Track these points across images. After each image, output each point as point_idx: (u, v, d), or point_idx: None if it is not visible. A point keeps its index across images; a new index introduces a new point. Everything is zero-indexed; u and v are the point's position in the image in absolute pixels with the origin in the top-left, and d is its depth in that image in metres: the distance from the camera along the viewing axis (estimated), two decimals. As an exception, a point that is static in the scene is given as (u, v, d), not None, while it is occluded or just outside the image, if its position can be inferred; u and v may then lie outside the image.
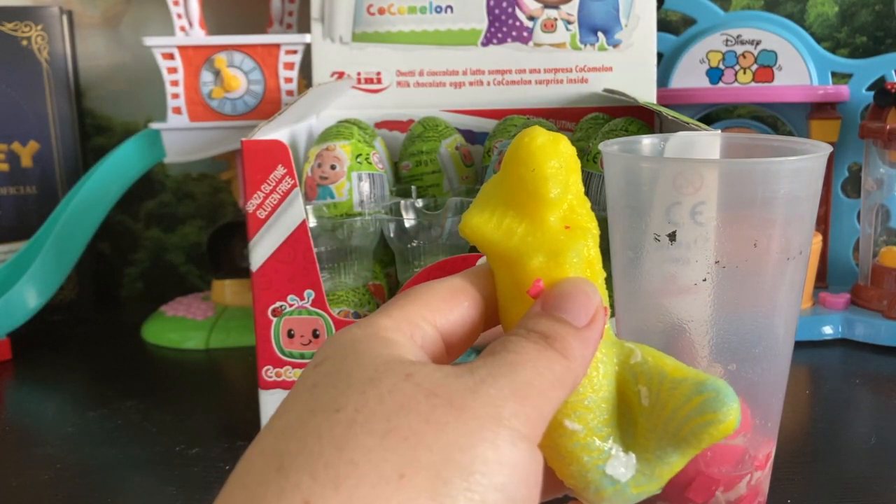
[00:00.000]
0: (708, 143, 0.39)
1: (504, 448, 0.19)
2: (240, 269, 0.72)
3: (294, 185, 0.46)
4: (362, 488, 0.17)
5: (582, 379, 0.22)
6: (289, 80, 0.66)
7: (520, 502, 0.19)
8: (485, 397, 0.19)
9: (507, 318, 0.24)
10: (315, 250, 0.47)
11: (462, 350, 0.24)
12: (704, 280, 0.34)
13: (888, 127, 0.64)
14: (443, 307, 0.23)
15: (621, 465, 0.23)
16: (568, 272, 0.23)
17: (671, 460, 0.23)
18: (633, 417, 0.23)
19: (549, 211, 0.24)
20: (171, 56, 0.65)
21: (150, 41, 0.65)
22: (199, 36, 0.68)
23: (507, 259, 0.24)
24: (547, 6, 0.64)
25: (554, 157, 0.24)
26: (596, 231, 0.24)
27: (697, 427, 0.22)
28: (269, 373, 0.48)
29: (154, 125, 0.66)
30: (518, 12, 0.64)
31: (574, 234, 0.23)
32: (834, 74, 0.72)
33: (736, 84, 0.72)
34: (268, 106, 0.66)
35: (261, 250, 0.47)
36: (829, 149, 0.35)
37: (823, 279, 0.72)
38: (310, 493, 0.17)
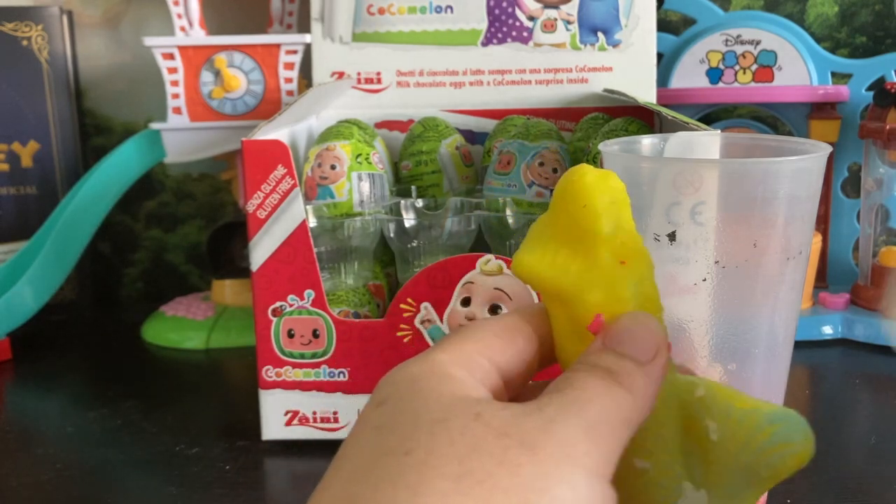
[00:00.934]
0: (708, 143, 0.39)
1: (581, 488, 0.18)
2: (240, 269, 0.72)
3: (294, 185, 0.46)
4: None
5: (647, 415, 0.22)
6: (289, 80, 0.66)
7: None
8: (556, 437, 0.19)
9: (564, 356, 0.24)
10: (315, 250, 0.47)
11: (519, 388, 0.24)
12: (704, 280, 0.34)
13: (888, 127, 0.64)
14: (498, 344, 0.23)
15: None
16: (628, 307, 0.23)
17: (744, 495, 0.23)
18: (702, 454, 0.23)
19: (604, 246, 0.23)
20: (171, 56, 0.65)
21: (150, 41, 0.65)
22: (199, 36, 0.68)
23: (564, 296, 0.23)
24: (547, 6, 0.64)
25: (605, 192, 0.23)
26: (651, 266, 0.24)
27: (773, 458, 0.22)
28: (269, 373, 0.48)
29: (154, 125, 0.66)
30: (518, 12, 0.64)
31: (631, 268, 0.23)
32: (834, 74, 0.72)
33: (736, 84, 0.72)
34: (268, 106, 0.66)
35: (261, 250, 0.47)
36: (829, 149, 0.35)
37: (823, 279, 0.72)
38: None
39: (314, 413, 0.49)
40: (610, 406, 0.20)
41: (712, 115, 0.76)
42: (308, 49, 0.65)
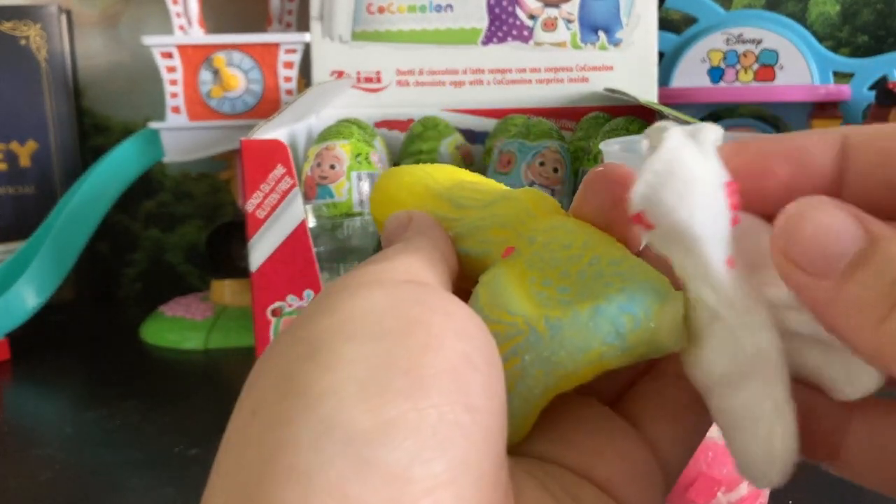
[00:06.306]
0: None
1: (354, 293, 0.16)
2: (239, 269, 0.72)
3: (293, 185, 0.46)
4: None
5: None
6: (288, 80, 0.66)
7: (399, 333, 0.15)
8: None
9: None
10: (314, 250, 0.47)
11: None
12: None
13: (890, 126, 0.63)
14: None
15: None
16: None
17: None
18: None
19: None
20: (169, 55, 0.65)
21: (148, 40, 0.65)
22: (197, 35, 0.67)
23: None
24: (547, 5, 0.64)
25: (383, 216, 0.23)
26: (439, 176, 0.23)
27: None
28: (268, 373, 0.48)
29: (153, 124, 0.66)
30: (518, 11, 0.64)
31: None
32: (835, 74, 0.72)
33: (737, 83, 0.72)
34: (267, 105, 0.66)
35: (260, 250, 0.47)
36: (832, 148, 0.34)
37: (825, 279, 0.72)
38: None
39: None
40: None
41: (714, 115, 0.76)
42: (307, 48, 0.65)
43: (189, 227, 0.82)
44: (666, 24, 0.76)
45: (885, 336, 0.15)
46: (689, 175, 0.16)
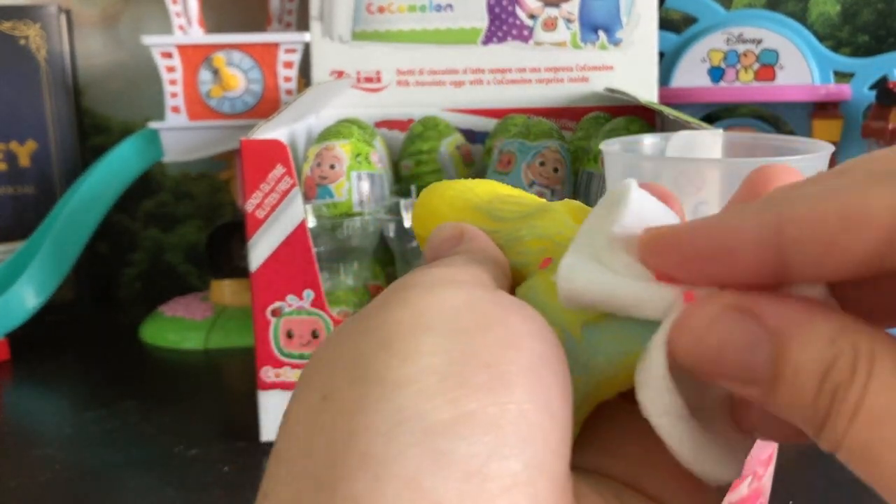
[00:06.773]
0: (710, 142, 0.39)
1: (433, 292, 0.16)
2: (239, 269, 0.72)
3: (293, 185, 0.46)
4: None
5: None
6: (288, 79, 0.66)
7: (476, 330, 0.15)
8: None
9: None
10: (314, 250, 0.47)
11: None
12: (707, 281, 0.33)
13: (891, 126, 0.63)
14: None
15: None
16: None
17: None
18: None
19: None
20: (169, 55, 0.65)
21: (148, 40, 0.64)
22: (197, 35, 0.67)
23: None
24: (547, 4, 0.64)
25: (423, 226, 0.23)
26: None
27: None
28: (267, 374, 0.48)
29: (152, 124, 0.66)
30: (518, 11, 0.63)
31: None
32: (836, 73, 0.72)
33: (737, 83, 0.72)
34: (267, 105, 0.66)
35: (260, 250, 0.47)
36: (831, 148, 0.34)
37: (825, 279, 0.72)
38: None
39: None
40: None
41: (714, 115, 0.76)
42: (307, 48, 0.65)
43: (189, 227, 0.82)
44: (666, 23, 0.76)
45: (831, 443, 0.13)
46: (597, 299, 0.17)
